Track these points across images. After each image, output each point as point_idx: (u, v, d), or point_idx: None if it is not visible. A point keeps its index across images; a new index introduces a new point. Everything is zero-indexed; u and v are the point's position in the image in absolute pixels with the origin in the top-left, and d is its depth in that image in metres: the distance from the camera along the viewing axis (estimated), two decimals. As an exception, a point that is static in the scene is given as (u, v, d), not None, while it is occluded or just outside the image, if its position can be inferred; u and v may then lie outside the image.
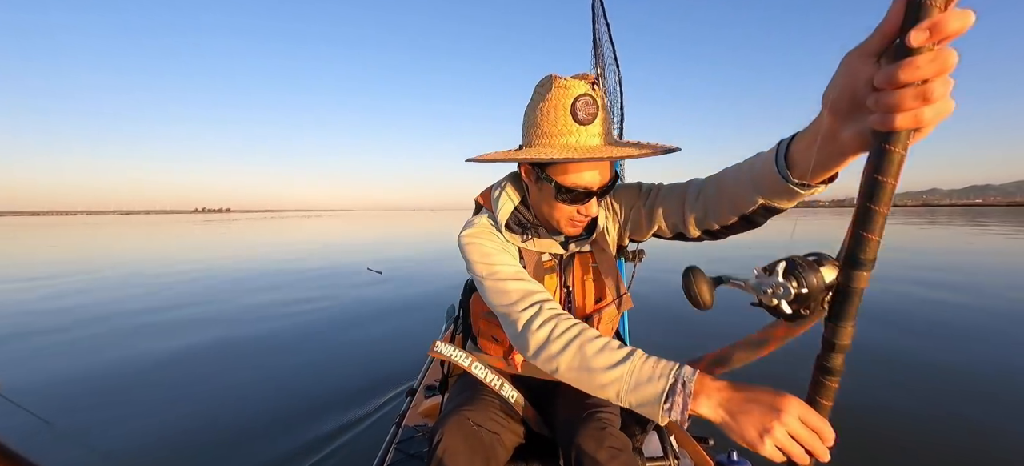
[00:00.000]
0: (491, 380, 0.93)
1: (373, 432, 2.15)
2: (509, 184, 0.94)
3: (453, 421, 0.85)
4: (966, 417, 2.24)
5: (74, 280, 7.11)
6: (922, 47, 0.37)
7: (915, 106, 0.39)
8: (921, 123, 0.39)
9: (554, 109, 0.77)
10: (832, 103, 0.48)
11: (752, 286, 0.51)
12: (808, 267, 0.47)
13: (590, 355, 0.69)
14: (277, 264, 9.07)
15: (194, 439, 2.15)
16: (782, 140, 0.61)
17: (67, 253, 12.03)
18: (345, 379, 2.86)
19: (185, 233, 20.21)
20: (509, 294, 0.81)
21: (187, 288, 6.33)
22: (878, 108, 0.41)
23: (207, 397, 2.64)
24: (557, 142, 0.78)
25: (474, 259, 0.87)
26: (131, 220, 67.97)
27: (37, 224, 32.14)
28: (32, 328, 4.18)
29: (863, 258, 0.45)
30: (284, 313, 4.72)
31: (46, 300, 5.58)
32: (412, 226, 26.12)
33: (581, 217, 0.85)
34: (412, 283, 6.57)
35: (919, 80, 0.38)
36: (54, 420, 2.26)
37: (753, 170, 0.66)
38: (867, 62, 0.43)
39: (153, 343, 3.71)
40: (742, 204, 0.70)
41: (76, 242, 16.53)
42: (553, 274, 0.95)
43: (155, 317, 4.62)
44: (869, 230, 0.44)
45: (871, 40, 0.43)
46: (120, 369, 3.12)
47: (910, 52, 0.38)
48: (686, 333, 3.70)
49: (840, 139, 0.49)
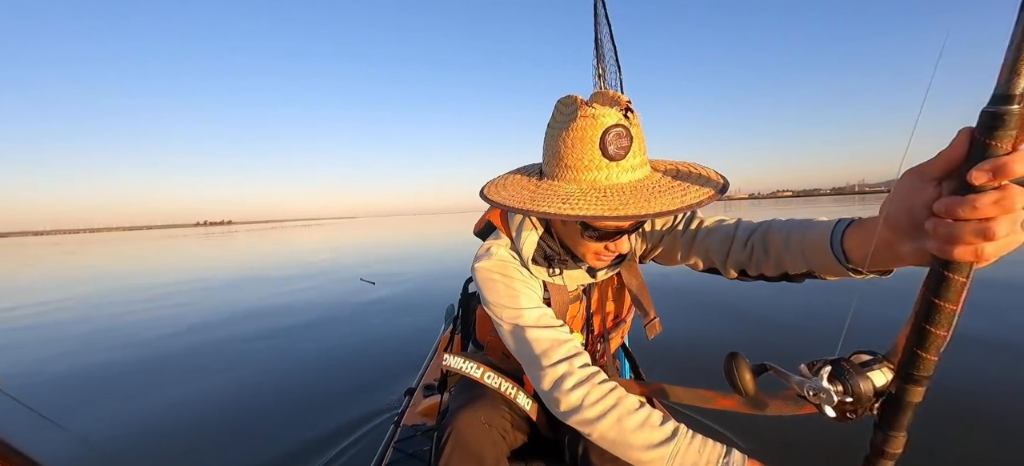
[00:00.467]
0: (506, 389, 0.89)
1: (372, 432, 2.15)
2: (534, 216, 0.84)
3: (464, 417, 0.83)
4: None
5: (72, 297, 7.14)
6: (985, 186, 0.36)
7: (975, 242, 0.37)
8: (982, 258, 0.38)
9: (580, 141, 0.66)
10: (890, 218, 0.46)
11: (796, 382, 0.50)
12: (856, 372, 0.45)
13: (629, 430, 0.66)
14: (275, 270, 9.09)
15: (192, 439, 2.15)
16: (839, 222, 0.59)
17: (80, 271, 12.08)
18: (343, 380, 2.85)
19: (185, 248, 20.26)
20: (534, 344, 0.74)
21: (186, 298, 6.34)
22: (936, 236, 0.39)
23: (204, 398, 2.63)
24: (583, 178, 0.68)
25: (492, 299, 0.79)
26: (134, 236, 68.15)
27: (41, 243, 32.15)
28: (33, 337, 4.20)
29: (919, 375, 0.43)
30: (283, 315, 4.72)
31: (55, 313, 5.59)
32: (413, 229, 26.17)
33: (609, 253, 0.78)
34: (411, 283, 6.57)
35: (980, 218, 0.36)
36: (55, 419, 2.27)
37: (805, 241, 0.63)
38: (927, 185, 0.41)
39: (153, 354, 3.71)
40: (789, 267, 0.68)
41: (86, 260, 16.61)
42: (578, 302, 0.90)
43: (155, 330, 4.63)
44: (926, 350, 0.42)
45: (933, 164, 0.41)
46: (120, 371, 3.13)
47: (972, 188, 0.36)
48: (697, 355, 3.70)
49: (897, 251, 0.48)
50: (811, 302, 3.88)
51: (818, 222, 0.63)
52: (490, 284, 0.80)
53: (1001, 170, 0.35)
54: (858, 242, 0.55)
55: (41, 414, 2.22)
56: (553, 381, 0.72)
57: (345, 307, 5.08)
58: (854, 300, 0.69)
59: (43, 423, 2.20)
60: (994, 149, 0.35)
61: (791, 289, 4.19)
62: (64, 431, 2.25)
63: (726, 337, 3.22)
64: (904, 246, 0.46)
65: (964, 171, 0.37)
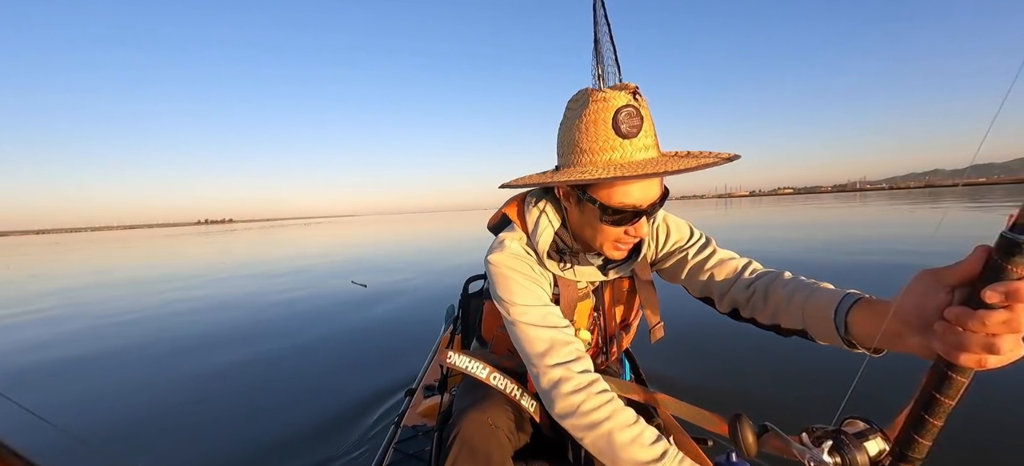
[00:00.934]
0: (511, 390, 0.89)
1: (373, 433, 2.15)
2: (549, 204, 0.85)
3: (470, 417, 0.83)
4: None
5: (75, 297, 7.14)
6: (995, 305, 0.38)
7: (981, 353, 0.40)
8: (984, 366, 0.41)
9: (594, 124, 0.69)
10: (901, 310, 0.49)
11: (797, 450, 0.53)
12: (854, 446, 0.50)
13: (619, 445, 0.68)
14: (274, 269, 9.10)
15: (192, 439, 2.15)
16: (846, 296, 0.61)
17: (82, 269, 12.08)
18: (343, 381, 2.85)
19: (186, 248, 20.26)
20: (537, 342, 0.76)
21: (186, 298, 6.35)
22: (945, 340, 0.42)
23: (203, 398, 2.63)
24: (599, 160, 0.70)
25: (501, 293, 0.80)
26: (135, 235, 68.29)
27: (43, 242, 32.13)
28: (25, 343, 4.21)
29: (913, 456, 0.47)
30: (283, 315, 4.72)
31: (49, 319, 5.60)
32: (412, 228, 26.21)
33: (629, 238, 0.78)
34: (410, 283, 6.56)
35: (988, 333, 0.39)
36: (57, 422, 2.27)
37: (808, 304, 0.65)
38: (941, 289, 0.44)
39: (149, 354, 3.72)
40: (784, 321, 0.70)
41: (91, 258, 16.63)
42: (587, 300, 0.92)
43: (150, 333, 4.63)
44: (922, 435, 0.46)
45: (949, 272, 0.44)
46: (119, 379, 3.13)
47: (983, 304, 0.39)
48: (699, 361, 3.69)
49: (903, 341, 0.50)
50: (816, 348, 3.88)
51: (825, 289, 0.66)
52: (500, 278, 0.81)
53: (1014, 295, 0.37)
54: (863, 320, 0.57)
55: (41, 416, 2.22)
56: (552, 381, 0.74)
57: (345, 307, 5.08)
58: (861, 366, 0.67)
59: (43, 424, 2.21)
60: (1009, 273, 0.37)
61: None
62: (62, 432, 2.25)
63: (731, 354, 3.20)
64: (911, 339, 0.49)
65: (978, 286, 0.40)
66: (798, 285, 0.70)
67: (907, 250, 6.95)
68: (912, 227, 10.85)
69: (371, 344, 3.68)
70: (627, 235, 0.77)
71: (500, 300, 0.81)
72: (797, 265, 2.36)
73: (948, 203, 23.34)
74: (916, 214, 15.73)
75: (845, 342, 0.59)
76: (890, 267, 5.54)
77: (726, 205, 52.58)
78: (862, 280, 4.80)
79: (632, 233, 0.77)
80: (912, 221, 12.77)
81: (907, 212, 17.18)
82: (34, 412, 0.64)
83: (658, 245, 0.93)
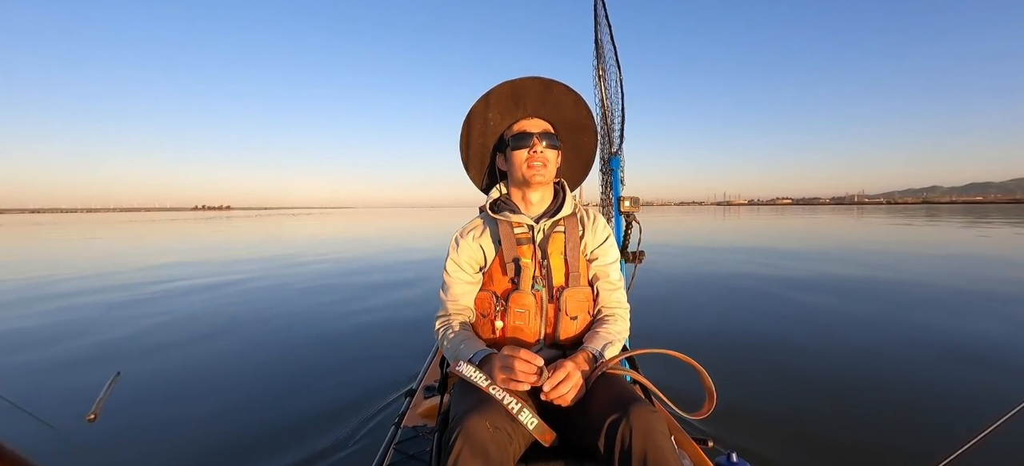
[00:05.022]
0: (509, 403, 0.90)
1: (373, 433, 2.15)
2: (501, 183, 1.22)
3: (471, 422, 0.84)
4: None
5: (83, 281, 7.11)
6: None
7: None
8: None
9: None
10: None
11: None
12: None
13: (449, 344, 1.10)
14: (272, 264, 9.07)
15: (191, 439, 2.15)
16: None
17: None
18: (343, 381, 2.85)
19: (184, 232, 20.14)
20: (445, 300, 1.17)
21: (186, 298, 6.33)
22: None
23: (201, 398, 2.63)
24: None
25: (448, 256, 1.17)
26: (133, 218, 67.90)
27: (41, 221, 31.94)
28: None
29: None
30: (283, 315, 4.71)
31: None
32: (412, 226, 26.12)
33: (536, 158, 1.10)
34: (409, 282, 6.57)
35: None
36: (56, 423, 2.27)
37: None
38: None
39: (144, 350, 3.71)
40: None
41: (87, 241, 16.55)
42: (528, 245, 1.12)
43: (144, 324, 4.62)
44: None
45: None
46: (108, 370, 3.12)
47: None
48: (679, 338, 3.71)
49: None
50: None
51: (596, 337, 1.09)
52: (451, 247, 1.18)
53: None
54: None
55: (39, 417, 2.22)
56: (440, 321, 1.16)
57: (344, 307, 5.08)
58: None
59: (42, 424, 2.20)
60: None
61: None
62: (58, 433, 2.24)
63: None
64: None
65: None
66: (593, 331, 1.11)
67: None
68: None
69: (371, 344, 3.68)
70: (533, 154, 1.10)
71: (447, 258, 1.18)
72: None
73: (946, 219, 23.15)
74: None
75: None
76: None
77: (725, 213, 52.60)
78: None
79: (538, 154, 1.10)
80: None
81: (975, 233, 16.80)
82: (31, 412, 0.64)
83: (593, 240, 1.19)
